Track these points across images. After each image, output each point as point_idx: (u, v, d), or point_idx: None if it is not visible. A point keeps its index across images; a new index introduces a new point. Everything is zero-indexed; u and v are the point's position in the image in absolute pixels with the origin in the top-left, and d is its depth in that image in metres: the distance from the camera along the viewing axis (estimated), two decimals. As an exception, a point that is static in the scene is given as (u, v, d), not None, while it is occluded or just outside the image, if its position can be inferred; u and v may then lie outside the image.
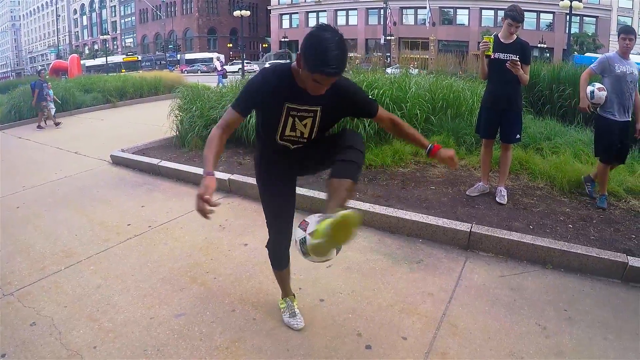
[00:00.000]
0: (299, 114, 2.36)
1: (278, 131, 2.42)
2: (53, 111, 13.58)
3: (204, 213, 2.13)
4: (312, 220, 2.23)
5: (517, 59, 4.45)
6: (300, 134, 2.42)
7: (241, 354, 2.72)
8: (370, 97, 2.51)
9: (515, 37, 4.60)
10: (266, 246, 2.84)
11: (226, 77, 22.37)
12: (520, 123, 4.84)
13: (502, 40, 4.60)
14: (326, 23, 2.21)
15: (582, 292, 3.34)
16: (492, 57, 4.59)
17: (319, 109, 2.36)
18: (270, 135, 2.45)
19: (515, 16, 4.51)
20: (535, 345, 2.76)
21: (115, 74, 27.27)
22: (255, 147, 2.81)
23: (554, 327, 2.93)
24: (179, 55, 63.74)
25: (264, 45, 72.79)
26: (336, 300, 3.25)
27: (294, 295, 3.08)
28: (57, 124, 13.10)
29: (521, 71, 4.46)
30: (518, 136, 4.80)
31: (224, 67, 25.94)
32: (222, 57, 42.46)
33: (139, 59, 60.58)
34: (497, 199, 4.72)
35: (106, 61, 52.64)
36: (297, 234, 2.25)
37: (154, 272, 3.75)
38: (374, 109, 2.50)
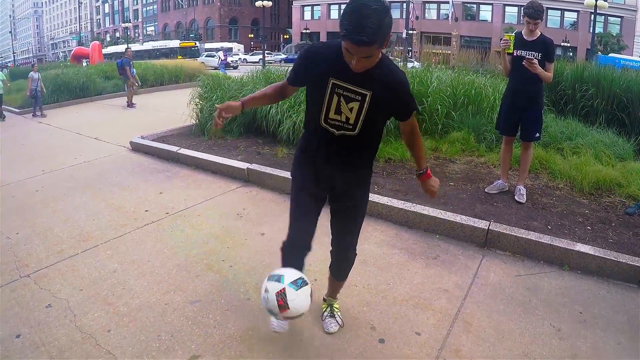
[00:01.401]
0: (344, 93, 2.20)
1: (322, 111, 2.26)
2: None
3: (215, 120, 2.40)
4: (289, 273, 2.27)
5: (532, 57, 4.40)
6: (345, 118, 2.25)
7: (254, 343, 2.73)
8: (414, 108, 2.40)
9: (538, 34, 4.53)
10: (281, 248, 2.61)
11: (229, 67, 28.72)
12: (541, 121, 4.78)
13: (524, 37, 4.54)
14: None
15: (598, 296, 3.30)
16: (514, 54, 4.54)
17: (368, 94, 2.18)
18: (316, 118, 2.32)
19: (531, 13, 4.44)
20: (549, 347, 2.73)
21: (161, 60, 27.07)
22: (300, 140, 2.67)
23: (569, 330, 2.90)
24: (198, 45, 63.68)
25: (285, 37, 72.85)
26: (351, 292, 3.25)
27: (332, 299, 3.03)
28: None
29: (539, 69, 4.39)
30: (537, 134, 4.74)
31: (227, 57, 32.32)
32: (238, 46, 43.66)
33: (197, 45, 53.15)
34: (516, 197, 4.68)
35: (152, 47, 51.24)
36: (275, 287, 2.20)
37: (170, 259, 3.78)
38: (411, 113, 2.39)
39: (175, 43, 52.32)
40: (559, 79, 7.86)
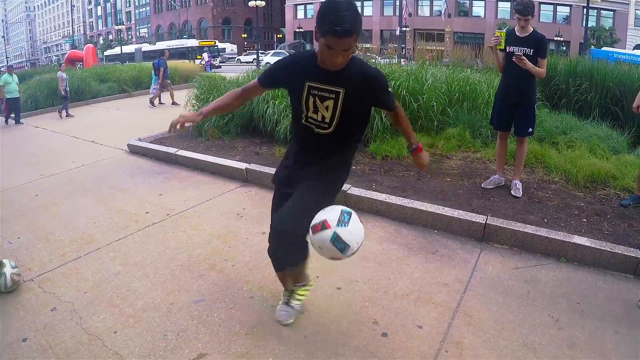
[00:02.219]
0: (319, 93, 2.37)
1: (302, 112, 2.46)
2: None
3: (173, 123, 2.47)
4: (329, 216, 2.23)
5: (520, 53, 4.45)
6: (322, 117, 2.42)
7: (260, 340, 2.77)
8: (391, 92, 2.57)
9: (531, 30, 4.58)
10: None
11: (212, 68, 31.56)
12: (533, 116, 4.83)
13: (517, 33, 4.60)
14: None
15: (594, 286, 3.35)
16: (507, 50, 4.59)
17: (342, 91, 2.33)
18: (298, 119, 2.51)
19: (520, 10, 4.51)
20: (548, 336, 2.79)
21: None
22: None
23: (567, 320, 2.95)
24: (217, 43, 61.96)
25: (278, 36, 72.70)
26: (353, 288, 3.30)
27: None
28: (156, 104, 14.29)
29: (529, 65, 4.44)
30: (530, 129, 4.80)
31: (211, 59, 35.26)
32: (231, 46, 43.72)
33: (216, 43, 50.26)
34: (512, 192, 4.73)
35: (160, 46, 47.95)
36: (325, 236, 2.17)
37: (173, 259, 3.82)
38: (392, 104, 2.56)
39: (193, 42, 49.44)
40: (553, 74, 7.93)
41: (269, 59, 37.96)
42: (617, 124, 6.97)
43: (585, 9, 30.05)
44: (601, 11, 46.31)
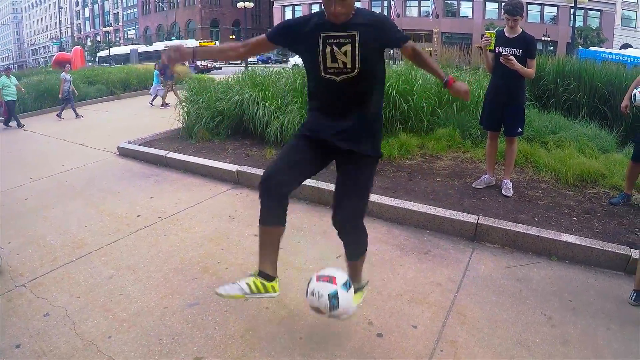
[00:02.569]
0: (335, 41, 2.44)
1: (320, 64, 2.49)
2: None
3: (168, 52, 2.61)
4: (338, 275, 2.43)
5: (509, 54, 4.49)
6: (342, 63, 2.46)
7: (255, 342, 2.77)
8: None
9: (520, 30, 4.61)
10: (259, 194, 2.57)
11: (197, 69, 30.64)
12: (523, 116, 4.87)
13: (506, 34, 4.63)
14: None
15: (586, 284, 3.39)
16: (496, 51, 4.62)
17: (356, 34, 2.43)
18: (316, 73, 2.53)
19: (509, 10, 4.55)
20: (542, 334, 2.82)
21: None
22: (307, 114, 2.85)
23: (559, 317, 2.99)
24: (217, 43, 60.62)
25: (266, 38, 72.38)
26: (347, 289, 3.30)
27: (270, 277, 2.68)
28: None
29: (517, 65, 4.47)
30: (520, 129, 4.83)
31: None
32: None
33: (216, 44, 43.32)
34: (502, 191, 4.77)
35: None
36: (326, 288, 2.37)
37: (166, 263, 3.81)
38: (403, 38, 2.56)
39: (192, 43, 43.93)
40: (541, 74, 7.99)
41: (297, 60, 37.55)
42: (605, 123, 7.04)
43: (572, 9, 30.29)
44: (588, 11, 46.70)
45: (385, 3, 43.14)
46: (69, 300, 3.31)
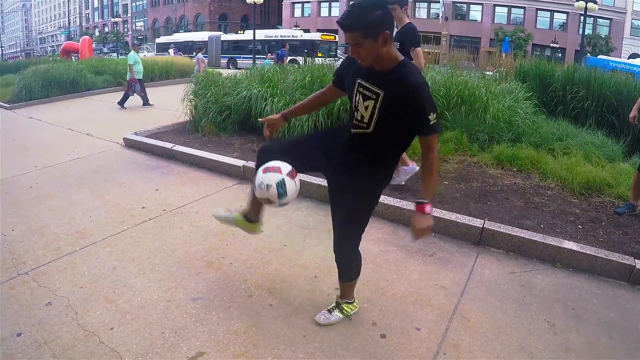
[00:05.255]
0: (364, 91, 2.38)
1: (354, 111, 2.47)
2: None
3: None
4: (283, 165, 2.56)
5: None
6: (361, 117, 2.42)
7: (259, 339, 2.77)
8: (433, 121, 2.25)
9: (405, 22, 4.85)
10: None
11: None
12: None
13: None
14: None
15: (589, 292, 3.39)
16: None
17: (382, 93, 2.31)
18: (351, 119, 2.53)
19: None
20: (544, 341, 2.81)
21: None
22: None
23: (562, 325, 2.98)
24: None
25: (275, 34, 72.41)
26: (350, 289, 3.30)
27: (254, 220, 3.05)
28: None
29: None
30: None
31: (178, 53, 33.23)
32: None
33: (336, 39, 37.88)
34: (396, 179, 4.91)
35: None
36: (273, 177, 2.48)
37: (170, 256, 3.81)
38: (427, 130, 2.29)
39: (312, 36, 38.08)
40: (550, 80, 7.97)
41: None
42: (612, 132, 7.03)
43: (582, 17, 30.17)
44: (597, 19, 46.53)
45: (395, 4, 42.92)
46: (71, 290, 3.31)
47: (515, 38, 44.12)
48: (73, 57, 27.22)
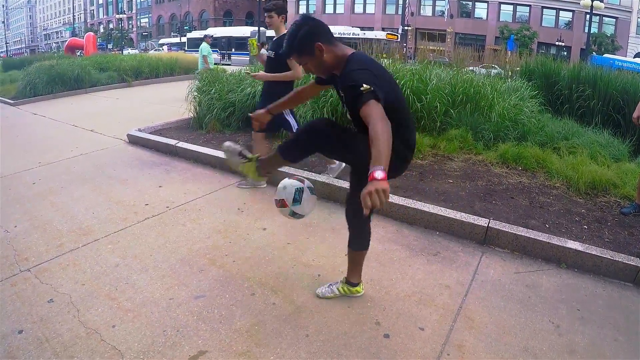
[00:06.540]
0: (340, 94, 2.61)
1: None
2: None
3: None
4: (308, 181, 2.85)
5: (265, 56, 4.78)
6: (349, 117, 2.57)
7: (261, 338, 2.75)
8: (365, 91, 2.15)
9: (284, 30, 4.78)
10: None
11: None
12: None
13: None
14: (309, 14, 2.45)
15: (594, 293, 3.35)
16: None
17: (339, 89, 2.55)
18: None
19: (265, 6, 4.83)
20: (549, 342, 2.79)
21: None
22: None
23: (567, 326, 2.95)
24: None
25: (279, 31, 72.23)
26: (354, 288, 3.28)
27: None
28: None
29: (260, 75, 4.85)
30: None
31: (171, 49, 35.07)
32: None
33: (398, 38, 35.06)
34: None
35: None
36: (295, 183, 2.75)
37: (173, 253, 3.79)
38: (360, 100, 2.17)
39: (376, 34, 35.24)
40: (556, 79, 7.92)
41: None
42: (618, 131, 6.97)
43: (587, 15, 30.04)
44: (603, 18, 46.33)
45: (400, 1, 42.84)
46: (73, 287, 3.29)
47: (521, 36, 43.99)
48: (78, 54, 27.28)
